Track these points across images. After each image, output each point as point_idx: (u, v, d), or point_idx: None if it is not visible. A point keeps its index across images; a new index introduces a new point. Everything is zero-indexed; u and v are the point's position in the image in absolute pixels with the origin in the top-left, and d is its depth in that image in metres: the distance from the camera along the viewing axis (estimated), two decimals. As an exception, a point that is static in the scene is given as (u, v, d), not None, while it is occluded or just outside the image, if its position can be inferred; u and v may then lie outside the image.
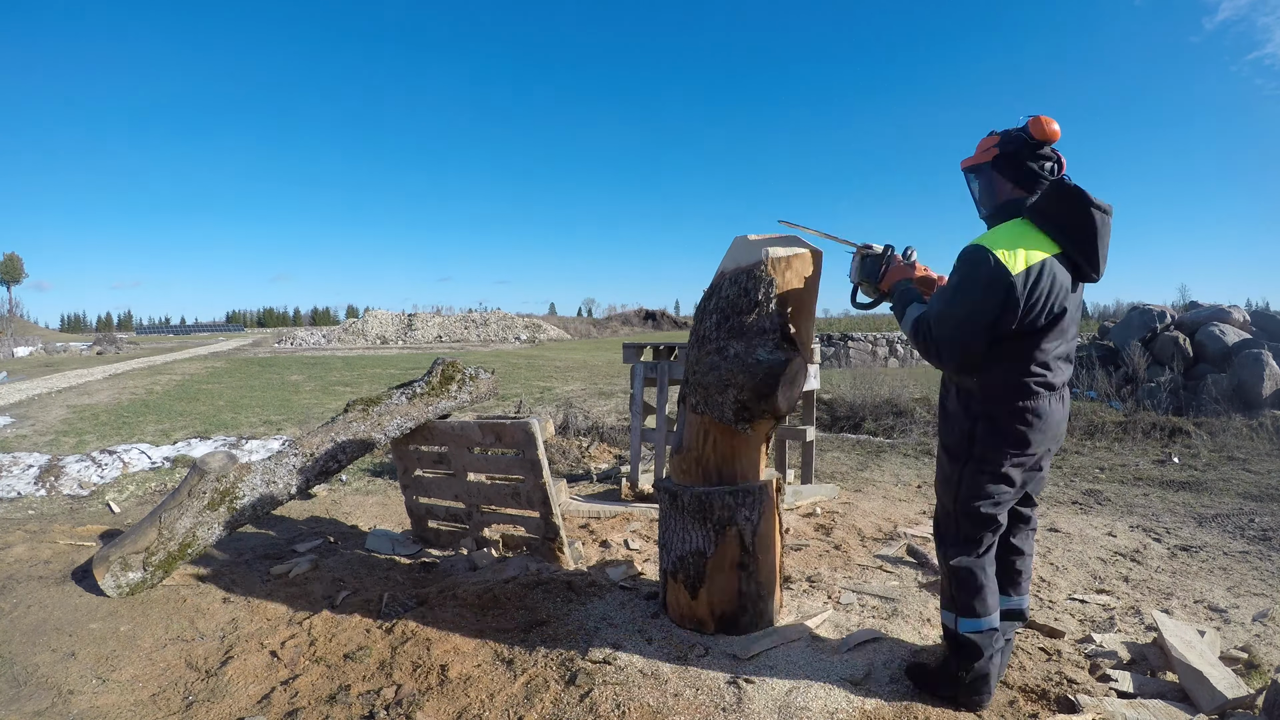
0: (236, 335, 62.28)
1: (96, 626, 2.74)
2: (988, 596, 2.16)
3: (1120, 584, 3.50)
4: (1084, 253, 2.04)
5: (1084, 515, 4.84)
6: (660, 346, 5.55)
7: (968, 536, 2.17)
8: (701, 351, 2.54)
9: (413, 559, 3.90)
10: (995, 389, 2.09)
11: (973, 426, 2.14)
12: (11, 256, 74.08)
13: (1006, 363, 2.06)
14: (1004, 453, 2.09)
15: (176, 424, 8.68)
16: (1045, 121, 2.08)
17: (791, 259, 2.48)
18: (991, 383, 2.10)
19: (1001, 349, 2.05)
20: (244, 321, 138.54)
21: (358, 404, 3.84)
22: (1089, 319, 27.67)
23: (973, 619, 2.15)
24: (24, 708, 2.23)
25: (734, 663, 2.39)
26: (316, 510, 4.96)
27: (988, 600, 2.15)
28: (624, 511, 4.70)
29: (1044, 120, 2.08)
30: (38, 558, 3.46)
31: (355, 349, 30.63)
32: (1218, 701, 2.13)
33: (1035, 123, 2.09)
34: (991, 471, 2.12)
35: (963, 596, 2.16)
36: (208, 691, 2.36)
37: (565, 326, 48.40)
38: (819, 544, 4.00)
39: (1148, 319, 10.68)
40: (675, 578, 2.64)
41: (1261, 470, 6.00)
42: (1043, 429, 2.08)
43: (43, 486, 5.54)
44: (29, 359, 24.00)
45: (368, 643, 2.64)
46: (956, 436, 2.19)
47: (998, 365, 2.07)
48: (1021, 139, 2.12)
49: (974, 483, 2.13)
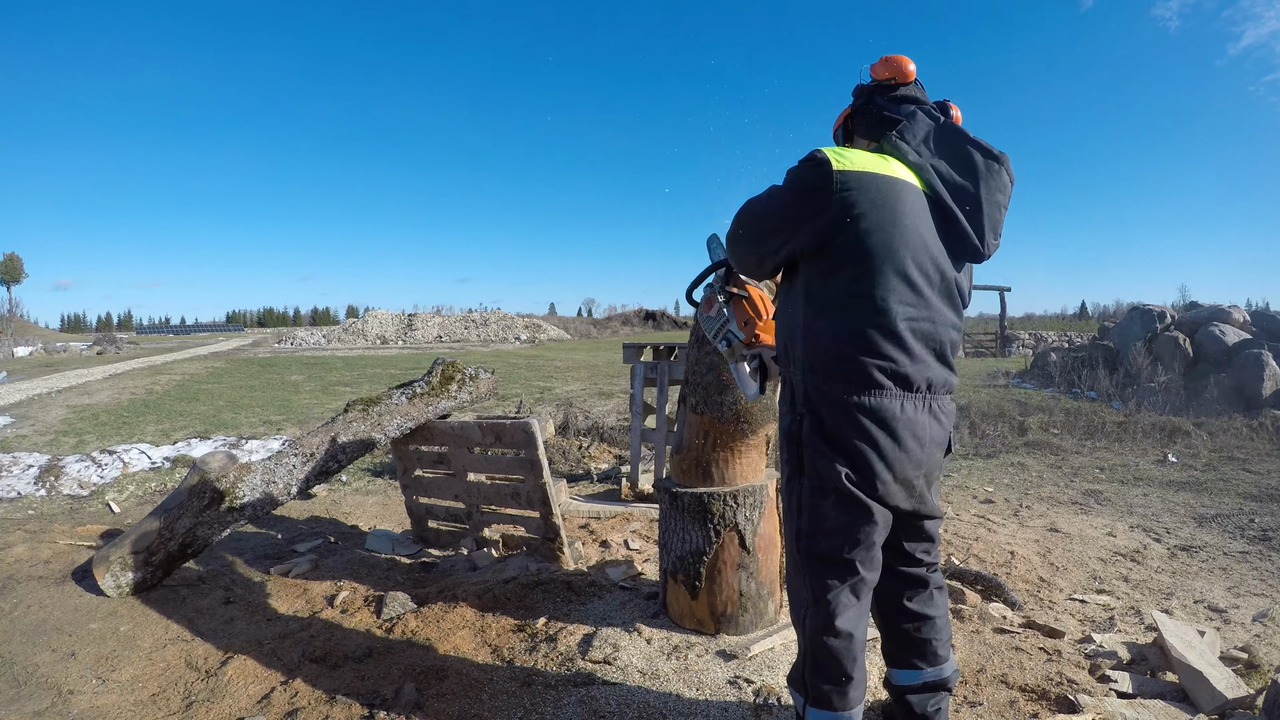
0: (236, 335, 62.29)
1: (96, 626, 2.74)
2: (849, 688, 1.58)
3: (1120, 584, 3.50)
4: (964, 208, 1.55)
5: (1084, 515, 4.84)
6: (660, 346, 5.55)
7: (817, 593, 1.59)
8: (701, 351, 2.54)
9: (413, 559, 3.90)
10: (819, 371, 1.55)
11: (797, 426, 1.59)
12: (11, 256, 74.08)
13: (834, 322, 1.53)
14: (837, 466, 1.52)
15: (176, 424, 8.68)
16: (892, 58, 1.69)
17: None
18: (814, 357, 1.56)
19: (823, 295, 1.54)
20: (244, 321, 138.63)
21: (358, 404, 3.84)
22: (1089, 319, 27.62)
23: (825, 710, 1.60)
24: (24, 708, 2.23)
25: (734, 663, 2.39)
26: (316, 510, 4.96)
27: (848, 692, 1.58)
28: (624, 511, 4.70)
29: (891, 57, 1.69)
30: (38, 558, 3.46)
31: (355, 349, 30.63)
32: (1218, 701, 2.13)
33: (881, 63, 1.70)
34: (834, 493, 1.54)
35: (813, 677, 1.61)
36: (208, 691, 2.36)
37: (565, 326, 48.40)
38: (819, 544, 4.00)
39: (1148, 319, 10.69)
40: (675, 578, 2.64)
41: (1261, 470, 6.01)
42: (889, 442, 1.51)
43: (43, 486, 5.54)
44: (29, 359, 24.00)
45: (368, 643, 2.64)
46: (783, 443, 1.65)
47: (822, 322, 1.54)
48: (868, 87, 1.74)
49: (813, 510, 1.58)
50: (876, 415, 1.51)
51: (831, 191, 1.48)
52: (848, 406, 1.52)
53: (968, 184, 1.56)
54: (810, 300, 1.57)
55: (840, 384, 1.53)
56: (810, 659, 1.62)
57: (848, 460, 1.53)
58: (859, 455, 1.52)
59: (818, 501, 1.58)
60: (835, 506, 1.56)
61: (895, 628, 1.77)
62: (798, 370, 1.61)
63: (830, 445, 1.54)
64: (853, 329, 1.51)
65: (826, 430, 1.54)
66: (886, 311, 1.49)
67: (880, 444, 1.51)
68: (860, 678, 1.62)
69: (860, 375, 1.51)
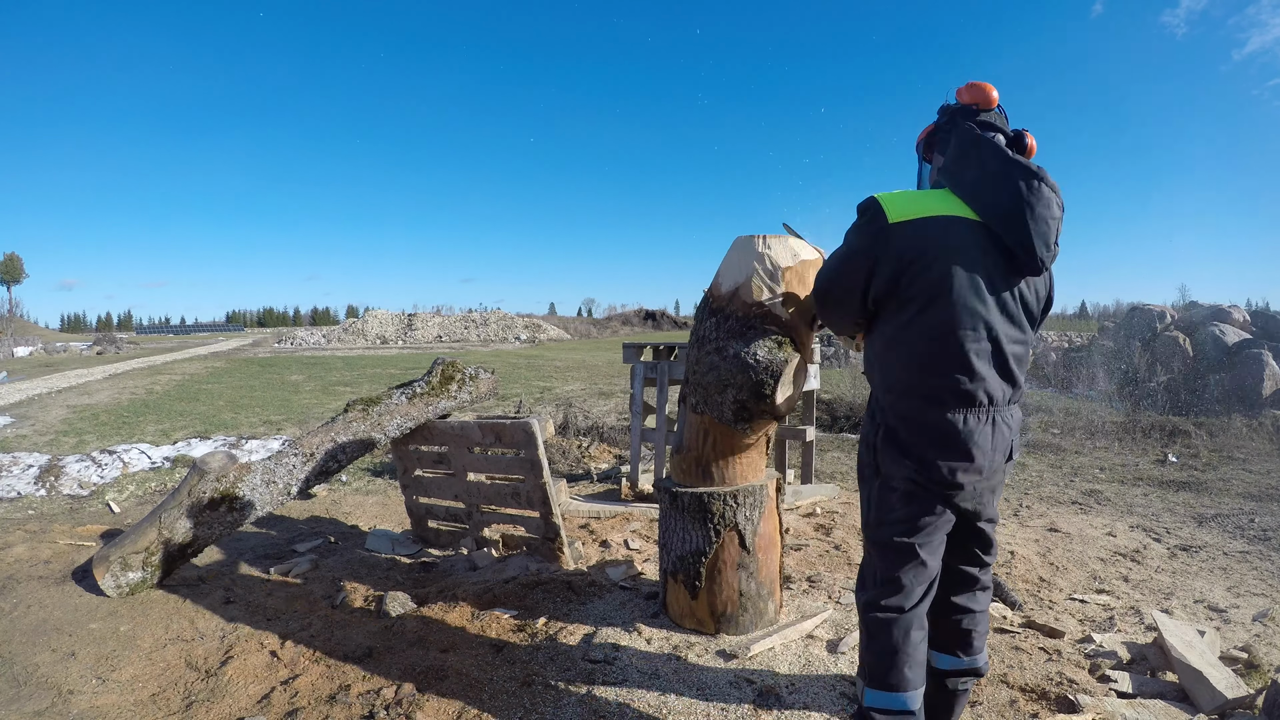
0: (236, 335, 62.30)
1: (96, 626, 2.74)
2: (906, 668, 1.73)
3: (1120, 584, 3.50)
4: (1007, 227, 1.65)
5: (1084, 515, 4.84)
6: (660, 346, 5.55)
7: (884, 576, 1.79)
8: (701, 351, 2.54)
9: (413, 559, 3.90)
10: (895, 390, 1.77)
11: (875, 434, 1.82)
12: (11, 256, 74.06)
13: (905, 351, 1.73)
14: (907, 468, 1.73)
15: (176, 424, 8.68)
16: (977, 84, 1.84)
17: (792, 260, 2.47)
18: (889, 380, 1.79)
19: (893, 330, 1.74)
20: (244, 321, 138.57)
21: (358, 404, 3.84)
22: (1089, 319, 27.61)
23: (883, 691, 1.74)
24: (24, 708, 2.23)
25: (734, 663, 2.39)
26: (316, 510, 4.96)
27: (905, 673, 1.73)
28: (624, 511, 4.70)
29: (976, 84, 1.84)
30: (38, 558, 3.46)
31: (355, 349, 30.63)
32: (1218, 701, 2.13)
33: (966, 88, 1.86)
34: (901, 490, 1.77)
35: (873, 659, 1.77)
36: (208, 691, 2.36)
37: (565, 326, 48.40)
38: (819, 544, 4.00)
39: (1148, 319, 10.69)
40: (675, 578, 2.64)
41: (1261, 470, 6.01)
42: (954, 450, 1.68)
43: (43, 486, 5.54)
44: (29, 359, 24.00)
45: (368, 642, 2.64)
46: (863, 448, 1.89)
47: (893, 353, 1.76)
48: (951, 108, 1.89)
49: (882, 503, 1.80)
50: (941, 430, 1.70)
51: (889, 240, 1.69)
52: (916, 421, 1.73)
53: (1012, 206, 1.66)
54: (882, 332, 1.79)
55: (914, 400, 1.73)
56: (868, 639, 1.79)
57: (915, 465, 1.72)
58: (924, 462, 1.71)
59: (886, 496, 1.80)
60: (901, 501, 1.77)
61: (942, 618, 1.94)
62: (879, 388, 1.84)
63: (901, 452, 1.75)
64: (920, 356, 1.71)
65: (898, 439, 1.75)
66: (949, 338, 1.67)
67: (943, 454, 1.70)
68: (919, 659, 1.76)
69: (933, 392, 1.70)
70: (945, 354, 1.68)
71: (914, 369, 1.72)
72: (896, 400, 1.76)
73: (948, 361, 1.68)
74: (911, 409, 1.73)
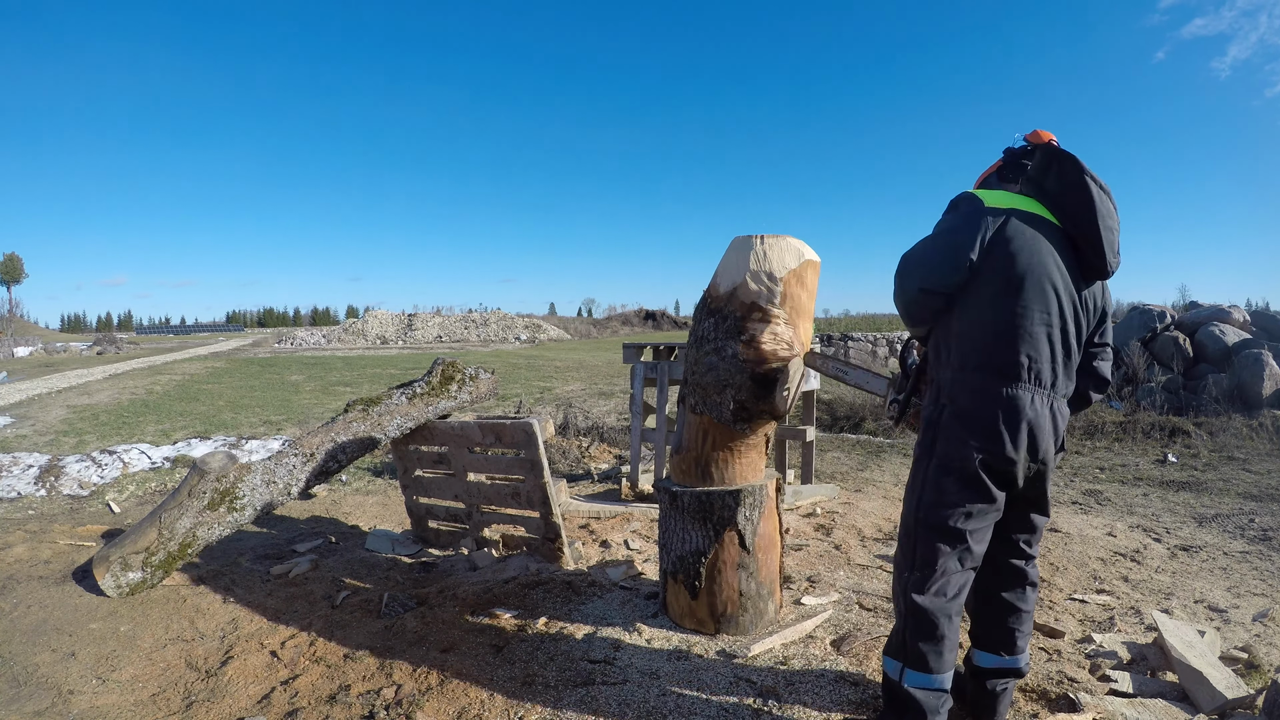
0: (236, 335, 62.27)
1: (96, 626, 2.74)
2: (945, 650, 1.82)
3: (1120, 584, 3.50)
4: (1083, 231, 1.86)
5: (1084, 515, 4.84)
6: (660, 346, 5.55)
7: (927, 559, 1.85)
8: (700, 352, 2.54)
9: (413, 559, 3.90)
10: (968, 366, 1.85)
11: (938, 414, 1.89)
12: (11, 256, 74.06)
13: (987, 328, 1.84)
14: (969, 447, 1.80)
15: (176, 424, 8.68)
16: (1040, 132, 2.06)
17: (790, 260, 2.47)
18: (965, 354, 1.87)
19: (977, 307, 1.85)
20: (244, 321, 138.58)
21: (358, 404, 3.84)
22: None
23: (923, 673, 1.83)
24: (24, 708, 2.23)
25: (734, 663, 2.39)
26: (316, 510, 4.96)
27: (944, 654, 1.82)
28: (624, 511, 4.70)
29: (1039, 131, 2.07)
30: (38, 558, 3.47)
31: (355, 349, 30.63)
32: (1218, 701, 2.13)
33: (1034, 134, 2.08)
34: (958, 471, 1.82)
35: (915, 642, 1.83)
36: (208, 691, 2.36)
37: (565, 326, 48.40)
38: (819, 544, 4.00)
39: (1148, 319, 10.68)
40: (675, 578, 2.64)
41: (1261, 470, 6.00)
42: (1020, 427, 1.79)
43: (43, 486, 5.54)
44: (29, 359, 23.99)
45: (368, 642, 2.64)
46: (922, 429, 1.96)
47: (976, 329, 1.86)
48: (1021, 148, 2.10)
49: (936, 485, 1.85)
50: (1011, 404, 1.79)
51: (986, 220, 1.83)
52: (988, 394, 1.81)
53: (1089, 213, 1.85)
54: (966, 309, 1.87)
55: (986, 374, 1.82)
56: (911, 621, 1.84)
57: (979, 441, 1.80)
58: (990, 437, 1.79)
59: (941, 478, 1.85)
60: (956, 483, 1.83)
61: (987, 615, 2.02)
62: (948, 368, 1.90)
63: (965, 428, 1.82)
64: (1000, 328, 1.82)
65: (964, 416, 1.83)
66: (1029, 314, 1.81)
67: (1009, 429, 1.78)
68: (954, 640, 1.84)
69: (1005, 366, 1.80)
70: (1025, 330, 1.80)
71: (991, 345, 1.82)
72: (970, 375, 1.84)
73: (1027, 337, 1.80)
74: (984, 383, 1.82)
